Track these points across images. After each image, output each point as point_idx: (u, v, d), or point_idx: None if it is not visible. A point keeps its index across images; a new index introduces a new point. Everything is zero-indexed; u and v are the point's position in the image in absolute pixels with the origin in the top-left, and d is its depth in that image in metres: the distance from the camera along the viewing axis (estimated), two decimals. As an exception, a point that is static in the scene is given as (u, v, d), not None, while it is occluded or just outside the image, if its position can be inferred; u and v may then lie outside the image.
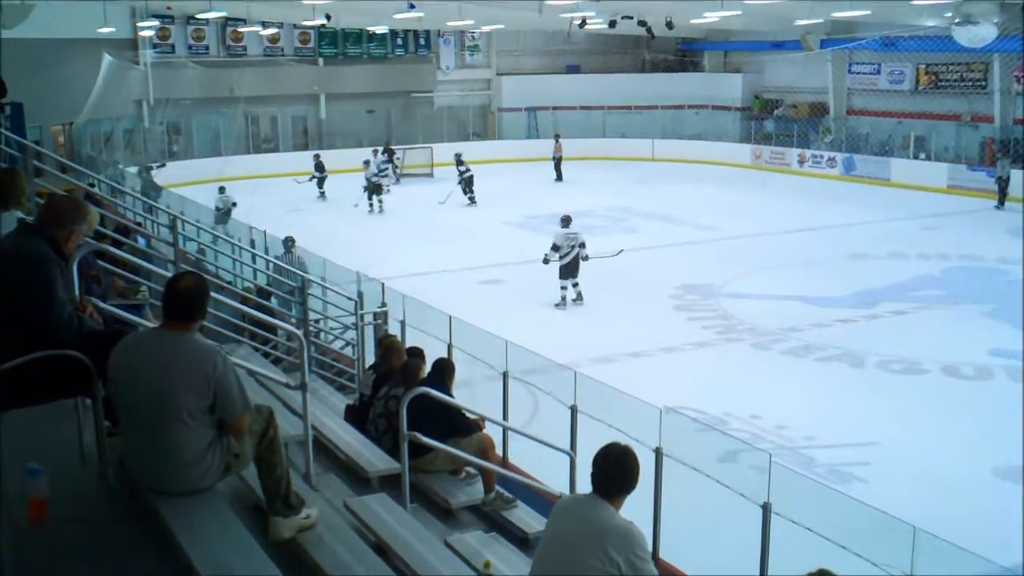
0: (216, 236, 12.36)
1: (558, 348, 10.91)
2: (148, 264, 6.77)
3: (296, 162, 28.69)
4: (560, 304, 15.22)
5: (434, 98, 35.41)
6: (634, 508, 3.82)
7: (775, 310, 14.79)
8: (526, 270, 16.72)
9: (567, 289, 15.31)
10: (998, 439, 9.62)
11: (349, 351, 9.98)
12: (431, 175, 30.77)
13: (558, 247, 15.33)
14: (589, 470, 3.66)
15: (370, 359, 8.29)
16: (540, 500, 6.19)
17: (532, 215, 22.90)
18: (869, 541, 5.00)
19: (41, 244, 3.90)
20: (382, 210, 24.64)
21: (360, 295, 9.78)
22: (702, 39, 35.39)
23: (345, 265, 11.38)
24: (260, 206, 20.35)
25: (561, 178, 29.52)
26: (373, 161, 25.83)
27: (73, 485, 3.69)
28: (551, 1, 22.14)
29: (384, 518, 4.69)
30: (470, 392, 8.16)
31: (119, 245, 6.93)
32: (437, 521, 5.53)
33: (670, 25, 26.29)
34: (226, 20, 30.00)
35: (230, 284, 9.78)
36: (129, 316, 4.66)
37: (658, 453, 6.00)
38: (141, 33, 29.46)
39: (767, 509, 5.42)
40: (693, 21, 27.30)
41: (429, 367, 6.44)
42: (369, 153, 27.45)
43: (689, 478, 5.97)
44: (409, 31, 33.84)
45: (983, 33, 21.62)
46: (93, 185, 11.19)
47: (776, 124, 32.78)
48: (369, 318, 9.49)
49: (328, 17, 25.09)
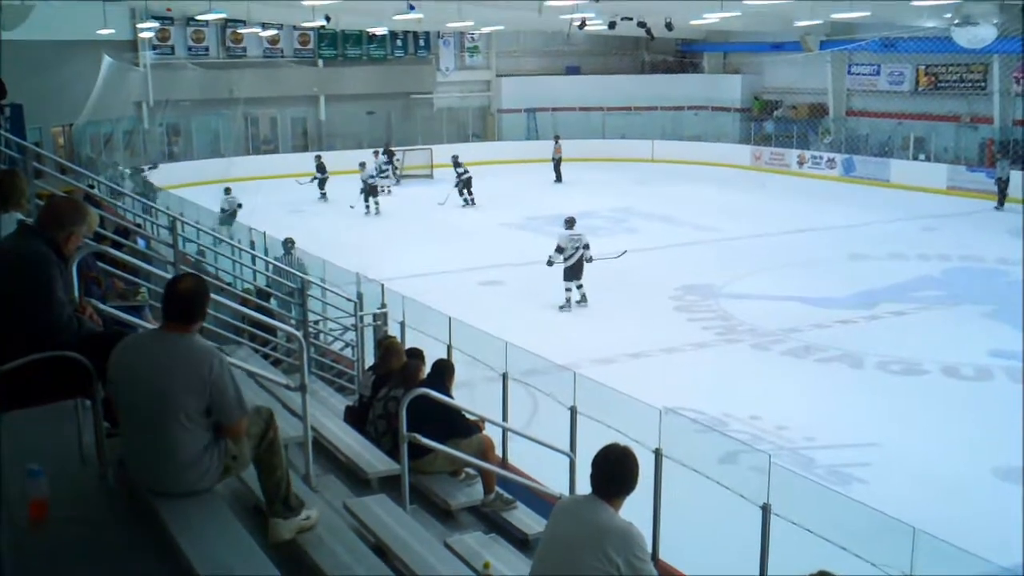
0: (216, 237, 12.35)
1: (558, 349, 10.90)
2: (147, 265, 6.76)
3: (296, 163, 28.71)
4: (565, 306, 15.08)
5: (434, 99, 35.41)
6: (634, 509, 3.82)
7: (775, 311, 14.79)
8: (526, 271, 16.72)
9: (571, 291, 15.17)
10: (998, 439, 9.63)
11: (349, 352, 9.98)
12: (431, 176, 30.77)
13: (562, 249, 15.17)
14: (589, 471, 3.66)
15: (370, 360, 8.30)
16: (540, 501, 6.20)
17: (532, 216, 22.91)
18: (869, 542, 5.00)
19: (41, 245, 3.91)
20: (378, 212, 24.64)
21: (360, 296, 9.78)
22: (701, 40, 35.37)
23: (345, 266, 11.39)
24: (260, 207, 20.38)
25: (561, 179, 29.53)
26: (369, 163, 25.86)
27: (73, 486, 3.69)
28: (551, 2, 22.13)
29: (384, 519, 4.69)
30: (470, 393, 8.15)
31: (119, 246, 6.94)
32: (437, 522, 5.53)
33: (669, 26, 26.28)
34: (226, 21, 30.02)
35: (230, 285, 9.77)
36: (128, 317, 4.65)
37: (658, 454, 6.01)
38: (141, 35, 29.43)
39: (767, 510, 5.42)
40: (692, 22, 27.34)
41: (429, 368, 6.45)
42: (366, 155, 27.46)
43: (689, 479, 5.97)
44: (409, 32, 33.84)
45: (982, 34, 21.63)
46: (92, 186, 11.16)
47: (776, 125, 32.78)
48: (369, 319, 9.49)
49: (328, 18, 25.05)
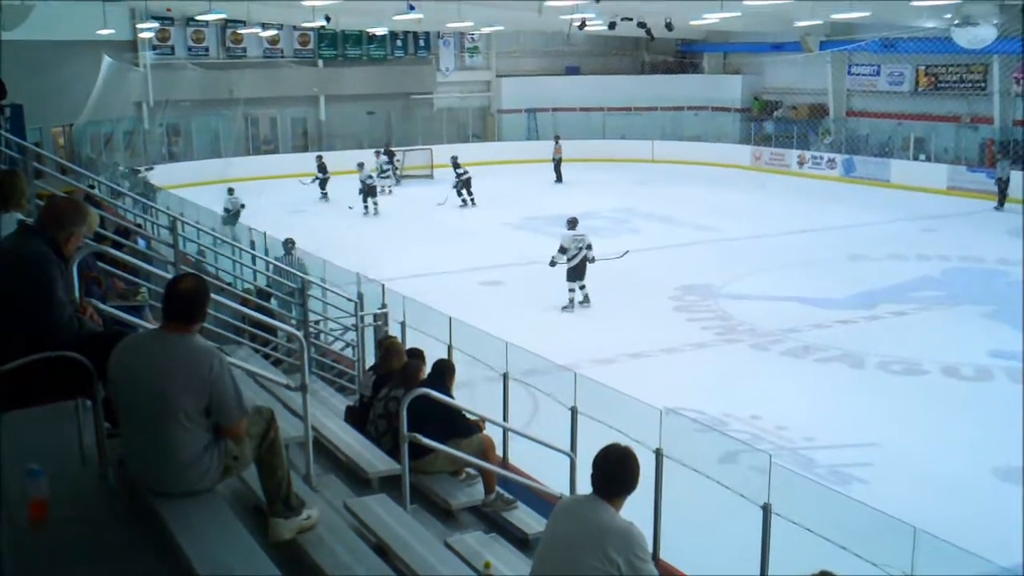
0: (216, 237, 12.35)
1: (558, 349, 10.88)
2: (148, 266, 6.76)
3: (296, 163, 28.71)
4: (568, 307, 15.01)
5: (434, 100, 35.42)
6: (634, 509, 3.82)
7: (775, 311, 14.78)
8: (526, 271, 16.72)
9: (575, 292, 15.11)
10: (998, 439, 9.63)
11: (349, 352, 9.98)
12: (431, 176, 30.78)
13: (565, 249, 15.09)
14: (589, 471, 3.67)
15: (370, 360, 8.30)
16: (540, 501, 6.20)
17: (532, 216, 22.91)
18: (869, 542, 5.00)
19: (41, 245, 3.91)
20: (377, 212, 24.63)
21: (360, 296, 9.79)
22: (701, 40, 35.38)
23: (345, 266, 11.40)
24: (261, 207, 20.40)
25: (561, 179, 29.53)
26: (368, 163, 25.86)
27: (73, 486, 3.69)
28: (551, 2, 22.13)
29: (384, 519, 4.69)
30: (470, 393, 8.16)
31: (119, 247, 6.94)
32: (437, 522, 5.53)
33: (669, 27, 26.28)
34: (226, 22, 30.02)
35: (230, 285, 9.77)
36: (129, 317, 4.65)
37: (658, 454, 6.01)
38: (141, 35, 29.43)
39: (767, 510, 5.43)
40: (692, 22, 27.34)
41: (429, 368, 6.45)
42: (367, 155, 27.45)
43: (689, 479, 5.97)
44: (408, 33, 33.85)
45: (982, 34, 21.63)
46: (93, 187, 11.16)
47: (776, 125, 32.79)
48: (369, 319, 9.49)
49: (328, 18, 25.06)
